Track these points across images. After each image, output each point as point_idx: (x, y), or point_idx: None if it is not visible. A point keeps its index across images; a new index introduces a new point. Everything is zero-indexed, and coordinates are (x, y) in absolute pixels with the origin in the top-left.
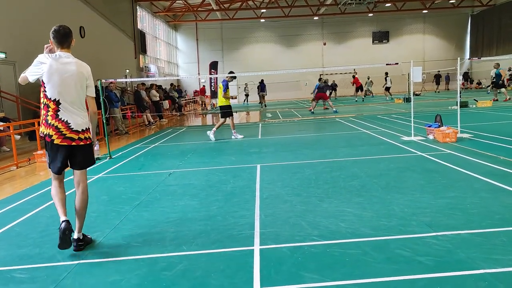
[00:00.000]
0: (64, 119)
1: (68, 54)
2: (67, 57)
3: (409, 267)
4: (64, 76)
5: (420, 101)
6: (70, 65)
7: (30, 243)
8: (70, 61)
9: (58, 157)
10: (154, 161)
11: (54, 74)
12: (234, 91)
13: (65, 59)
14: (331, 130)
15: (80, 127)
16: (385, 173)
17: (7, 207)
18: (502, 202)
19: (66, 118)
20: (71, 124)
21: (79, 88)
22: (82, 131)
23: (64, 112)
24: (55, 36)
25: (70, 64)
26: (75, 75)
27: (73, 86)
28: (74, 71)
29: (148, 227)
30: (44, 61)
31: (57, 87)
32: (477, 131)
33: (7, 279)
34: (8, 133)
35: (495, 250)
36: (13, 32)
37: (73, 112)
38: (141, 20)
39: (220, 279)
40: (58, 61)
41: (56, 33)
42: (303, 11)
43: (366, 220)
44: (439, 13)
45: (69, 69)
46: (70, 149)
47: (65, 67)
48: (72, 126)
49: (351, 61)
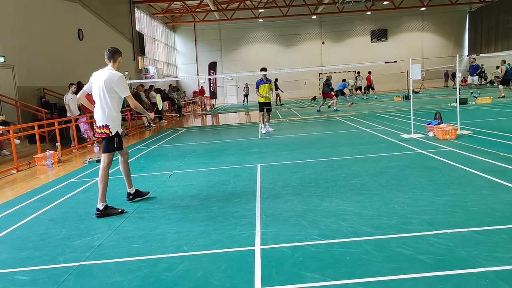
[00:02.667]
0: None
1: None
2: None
3: (410, 265)
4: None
5: (420, 98)
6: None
7: (31, 246)
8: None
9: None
10: (154, 163)
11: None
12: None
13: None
14: (331, 129)
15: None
16: (385, 171)
17: (8, 210)
18: (502, 199)
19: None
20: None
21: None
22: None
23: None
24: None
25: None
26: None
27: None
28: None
29: (149, 228)
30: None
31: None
32: (477, 128)
33: (8, 282)
34: (8, 137)
35: (496, 248)
36: (11, 36)
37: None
38: (139, 21)
39: (221, 279)
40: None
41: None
42: (301, 10)
43: (367, 219)
44: (437, 10)
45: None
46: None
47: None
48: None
49: (350, 59)
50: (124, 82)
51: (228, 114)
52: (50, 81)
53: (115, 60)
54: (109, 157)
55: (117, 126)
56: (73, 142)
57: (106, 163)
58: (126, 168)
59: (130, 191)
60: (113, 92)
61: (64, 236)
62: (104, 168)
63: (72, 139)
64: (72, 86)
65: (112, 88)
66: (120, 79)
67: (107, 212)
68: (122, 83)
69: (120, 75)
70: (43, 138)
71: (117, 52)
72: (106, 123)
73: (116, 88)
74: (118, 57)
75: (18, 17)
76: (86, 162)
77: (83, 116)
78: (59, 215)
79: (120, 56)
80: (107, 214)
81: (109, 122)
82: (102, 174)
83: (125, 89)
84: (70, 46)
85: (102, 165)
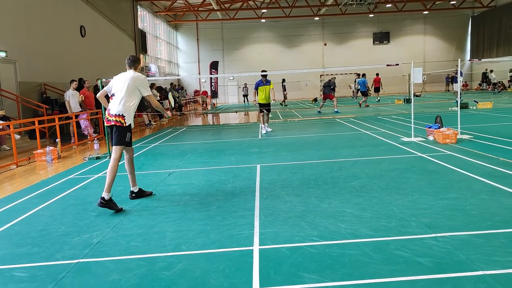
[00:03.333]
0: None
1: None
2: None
3: (409, 268)
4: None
5: (421, 102)
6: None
7: (29, 242)
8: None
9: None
10: (154, 161)
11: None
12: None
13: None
14: (331, 131)
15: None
16: (385, 174)
17: (7, 205)
18: (502, 203)
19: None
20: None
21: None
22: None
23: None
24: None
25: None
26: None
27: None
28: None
29: (148, 226)
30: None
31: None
32: (477, 133)
33: (6, 278)
34: (8, 132)
35: (495, 251)
36: (13, 31)
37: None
38: (142, 19)
39: (219, 279)
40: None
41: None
42: (304, 11)
43: (366, 221)
44: (439, 14)
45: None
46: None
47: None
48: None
49: (352, 61)
50: (147, 83)
51: (228, 113)
52: (51, 77)
53: (136, 67)
54: (121, 149)
55: (131, 119)
56: (73, 138)
57: (118, 155)
58: (130, 166)
59: (133, 189)
60: (136, 91)
61: (62, 233)
62: (115, 160)
63: (72, 135)
64: (73, 82)
65: (136, 86)
66: (145, 80)
67: (110, 205)
68: (146, 83)
69: (144, 76)
70: (43, 134)
71: (137, 61)
72: (122, 113)
73: (140, 87)
74: (138, 65)
75: (21, 13)
76: (86, 159)
77: (84, 112)
78: (58, 212)
79: (139, 64)
80: (109, 206)
81: (125, 113)
82: (112, 165)
83: (147, 89)
84: (72, 42)
85: (113, 157)
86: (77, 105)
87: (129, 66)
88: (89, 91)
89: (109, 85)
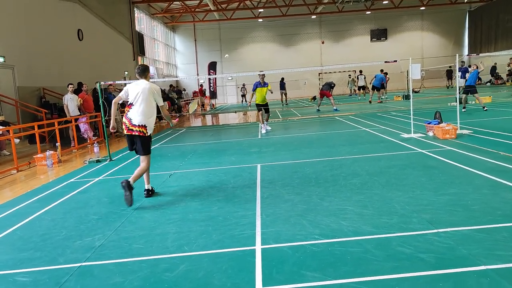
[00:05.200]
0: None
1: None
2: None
3: (411, 264)
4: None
5: (420, 98)
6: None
7: (31, 246)
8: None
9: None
10: (154, 163)
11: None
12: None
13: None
14: (330, 129)
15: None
16: (385, 171)
17: (8, 211)
18: (503, 197)
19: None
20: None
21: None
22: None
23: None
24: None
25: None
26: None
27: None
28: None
29: (149, 228)
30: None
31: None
32: (476, 127)
33: (9, 283)
34: (8, 137)
35: (497, 246)
36: (11, 36)
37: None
38: (139, 22)
39: (222, 279)
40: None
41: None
42: (301, 10)
43: (367, 218)
44: (436, 9)
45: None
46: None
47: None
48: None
49: (350, 59)
50: (160, 93)
51: (228, 114)
52: (50, 81)
53: (146, 76)
54: (149, 157)
55: (151, 129)
56: (73, 142)
57: (148, 163)
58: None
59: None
60: (153, 101)
61: (64, 237)
62: (147, 167)
63: (72, 139)
64: (70, 86)
65: (153, 97)
66: (159, 90)
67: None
68: (160, 93)
69: (159, 87)
70: (43, 138)
71: (147, 69)
72: (144, 124)
73: (157, 98)
74: (148, 74)
75: (18, 17)
76: (86, 162)
77: (83, 116)
78: (60, 216)
79: (149, 73)
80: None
81: (147, 124)
82: (145, 170)
83: (161, 99)
84: (69, 46)
85: (145, 166)
86: (76, 108)
87: (139, 75)
88: (88, 95)
89: (125, 92)
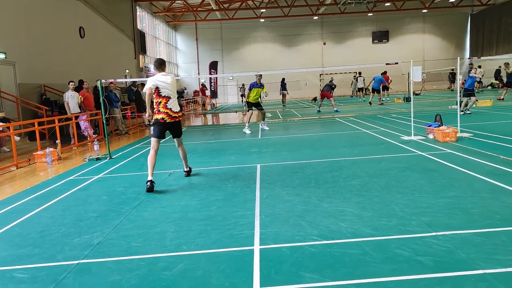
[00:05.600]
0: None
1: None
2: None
3: (409, 267)
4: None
5: (420, 100)
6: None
7: (30, 243)
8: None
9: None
10: None
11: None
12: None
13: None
14: (331, 130)
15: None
16: (385, 173)
17: (7, 207)
18: (502, 201)
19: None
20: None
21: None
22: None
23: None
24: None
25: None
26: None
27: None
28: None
29: (148, 227)
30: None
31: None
32: (477, 131)
33: (7, 279)
34: (8, 134)
35: (496, 250)
36: (12, 33)
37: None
38: (141, 20)
39: (220, 279)
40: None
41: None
42: (303, 10)
43: (366, 220)
44: (438, 12)
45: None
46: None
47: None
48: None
49: (351, 60)
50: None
51: (228, 114)
52: (50, 78)
53: (164, 69)
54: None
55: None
56: (73, 139)
57: (183, 143)
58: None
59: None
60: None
61: (63, 234)
62: (183, 146)
63: (72, 136)
64: (71, 83)
65: (175, 86)
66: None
67: (189, 173)
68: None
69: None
70: (43, 135)
71: (164, 62)
72: (179, 109)
73: (177, 88)
74: (164, 67)
75: (20, 14)
76: (86, 160)
77: (83, 113)
78: (58, 213)
79: (165, 66)
80: (189, 173)
81: (179, 109)
82: (184, 150)
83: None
84: (71, 43)
85: (182, 146)
86: (76, 106)
87: (157, 68)
88: (89, 92)
89: (154, 84)
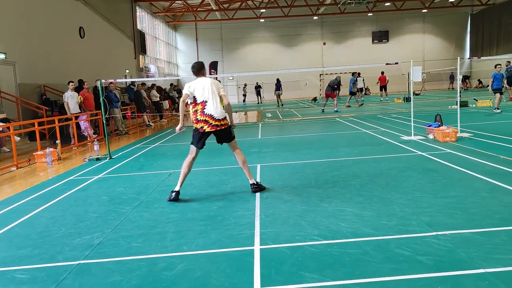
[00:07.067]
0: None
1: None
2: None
3: (409, 266)
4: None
5: (420, 100)
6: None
7: (30, 243)
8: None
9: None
10: (154, 162)
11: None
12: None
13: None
14: (331, 130)
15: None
16: (385, 173)
17: (7, 208)
18: (502, 201)
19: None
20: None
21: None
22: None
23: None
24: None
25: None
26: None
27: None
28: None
29: (148, 227)
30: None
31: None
32: (477, 131)
33: (7, 280)
34: (8, 134)
35: (496, 249)
36: (12, 33)
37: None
38: (141, 20)
39: (220, 279)
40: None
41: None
42: (303, 10)
43: (367, 220)
44: (438, 12)
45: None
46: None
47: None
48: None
49: (351, 60)
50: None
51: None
52: (51, 79)
53: (203, 73)
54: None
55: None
56: (73, 140)
57: (238, 147)
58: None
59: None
60: (218, 94)
61: (63, 234)
62: (240, 151)
63: (72, 137)
64: (70, 83)
65: (218, 90)
66: (218, 83)
67: (261, 187)
68: (220, 86)
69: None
70: (43, 136)
71: (203, 66)
72: (224, 116)
73: (220, 90)
74: (203, 70)
75: (20, 14)
76: (86, 160)
77: (84, 114)
78: (59, 213)
79: (204, 69)
80: (260, 188)
81: (225, 115)
82: (243, 155)
83: (222, 89)
84: (71, 43)
85: (239, 151)
86: (76, 106)
87: (196, 74)
88: (89, 92)
89: (190, 90)
